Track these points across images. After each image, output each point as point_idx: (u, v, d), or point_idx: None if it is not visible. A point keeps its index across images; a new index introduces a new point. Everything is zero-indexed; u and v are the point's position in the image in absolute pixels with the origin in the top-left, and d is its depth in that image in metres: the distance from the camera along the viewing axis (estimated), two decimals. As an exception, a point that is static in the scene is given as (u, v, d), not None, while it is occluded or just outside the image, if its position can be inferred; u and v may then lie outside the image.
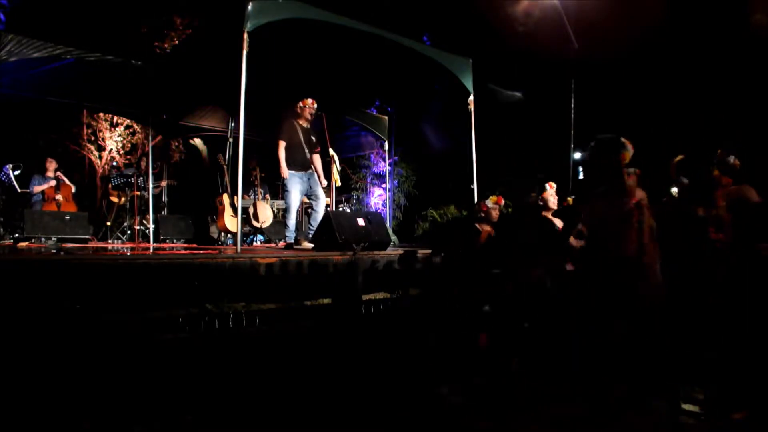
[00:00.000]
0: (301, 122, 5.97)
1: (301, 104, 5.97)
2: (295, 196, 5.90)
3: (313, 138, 6.02)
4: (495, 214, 4.63)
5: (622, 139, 3.03)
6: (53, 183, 7.52)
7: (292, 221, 5.93)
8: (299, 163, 5.90)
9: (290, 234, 5.93)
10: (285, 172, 5.80)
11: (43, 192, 7.46)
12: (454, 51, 6.64)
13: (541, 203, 4.41)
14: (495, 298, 3.83)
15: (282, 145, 5.81)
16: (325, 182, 6.17)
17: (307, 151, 5.93)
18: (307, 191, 6.03)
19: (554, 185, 4.46)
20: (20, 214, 6.77)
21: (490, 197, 4.67)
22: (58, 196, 7.46)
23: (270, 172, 8.42)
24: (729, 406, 3.02)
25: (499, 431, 3.02)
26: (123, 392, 3.08)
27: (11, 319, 2.97)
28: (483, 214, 4.64)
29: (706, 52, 10.40)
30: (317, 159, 6.06)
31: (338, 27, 5.41)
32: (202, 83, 6.97)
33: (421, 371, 3.92)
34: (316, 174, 6.05)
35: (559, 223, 4.16)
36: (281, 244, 7.10)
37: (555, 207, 4.38)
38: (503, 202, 4.78)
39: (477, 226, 4.64)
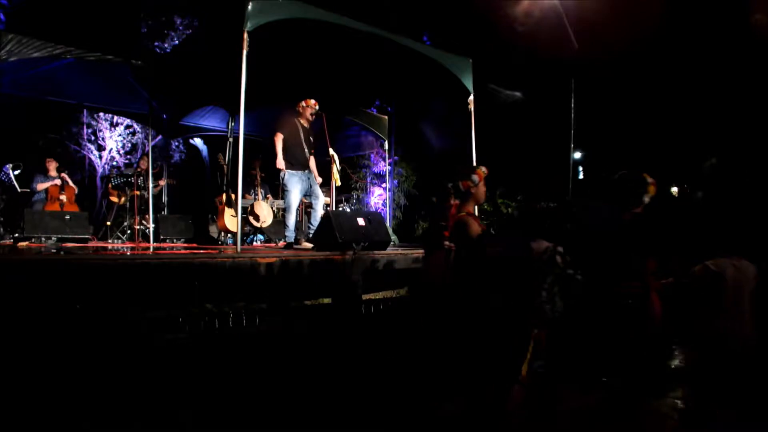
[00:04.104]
0: (302, 121, 5.99)
1: (303, 104, 6.00)
2: (295, 196, 5.91)
3: (312, 138, 6.07)
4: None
5: None
6: (58, 182, 7.52)
7: (291, 221, 5.94)
8: (299, 162, 5.92)
9: (290, 234, 5.94)
10: (281, 163, 5.79)
11: (46, 190, 7.45)
12: (454, 51, 6.64)
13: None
14: None
15: (280, 137, 5.82)
16: (320, 179, 6.22)
17: (306, 150, 5.98)
18: (306, 190, 6.05)
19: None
20: (20, 214, 6.77)
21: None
22: (62, 197, 7.46)
23: (270, 172, 8.44)
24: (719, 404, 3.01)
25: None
26: (123, 392, 3.08)
27: (11, 318, 2.98)
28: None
29: (706, 52, 10.40)
30: (312, 159, 6.15)
31: (338, 27, 5.42)
32: (202, 83, 6.97)
33: (421, 372, 3.91)
34: (330, 169, 6.12)
35: None
36: (281, 243, 7.11)
37: None
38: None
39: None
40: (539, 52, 11.09)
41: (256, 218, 7.29)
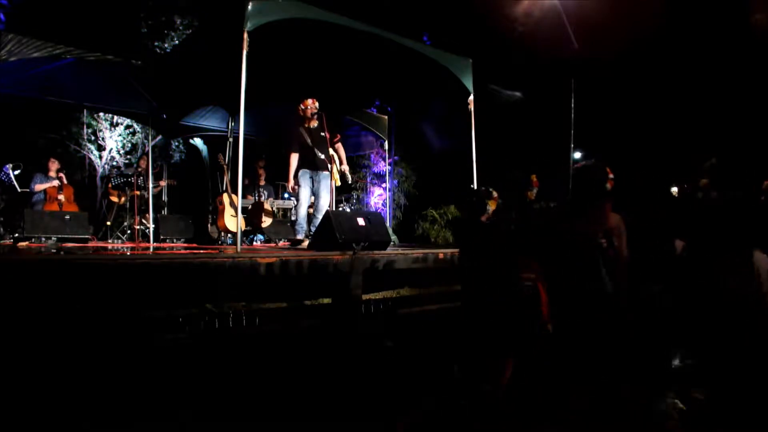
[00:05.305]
0: (306, 125, 6.02)
1: (302, 106, 6.02)
2: (305, 193, 6.03)
3: (323, 133, 6.05)
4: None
5: None
6: (56, 183, 7.53)
7: (302, 213, 6.06)
8: (310, 164, 6.02)
9: (300, 228, 6.05)
10: (291, 186, 6.00)
11: (45, 191, 7.46)
12: (454, 51, 6.64)
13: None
14: None
15: (294, 157, 5.96)
16: (337, 178, 6.25)
17: (317, 151, 6.00)
18: (313, 189, 6.10)
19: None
20: (20, 214, 6.77)
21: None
22: (61, 197, 7.47)
23: (272, 174, 8.44)
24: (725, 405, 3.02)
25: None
26: (123, 392, 3.08)
27: (11, 319, 2.97)
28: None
29: (706, 52, 10.40)
30: (340, 148, 6.20)
31: (338, 27, 5.41)
32: (202, 83, 6.96)
33: (422, 371, 3.91)
34: (331, 169, 6.06)
35: None
36: (281, 243, 7.12)
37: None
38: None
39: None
40: (539, 52, 11.10)
41: (257, 218, 7.28)
